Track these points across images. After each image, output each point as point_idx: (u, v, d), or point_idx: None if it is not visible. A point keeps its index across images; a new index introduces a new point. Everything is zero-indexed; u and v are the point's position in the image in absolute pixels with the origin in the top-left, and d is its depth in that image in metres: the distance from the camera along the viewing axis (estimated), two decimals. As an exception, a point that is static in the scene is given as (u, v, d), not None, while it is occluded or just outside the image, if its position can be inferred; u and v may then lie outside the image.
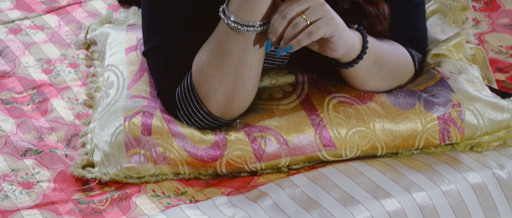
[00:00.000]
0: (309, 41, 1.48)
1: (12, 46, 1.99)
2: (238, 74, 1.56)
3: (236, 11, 1.52)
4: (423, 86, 1.69)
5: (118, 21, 1.98)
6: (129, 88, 1.69)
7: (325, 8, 1.49)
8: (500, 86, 1.84)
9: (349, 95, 1.66)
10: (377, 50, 1.61)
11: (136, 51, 1.78)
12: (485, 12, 2.12)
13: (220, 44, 1.55)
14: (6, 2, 2.18)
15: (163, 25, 1.62)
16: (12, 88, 1.86)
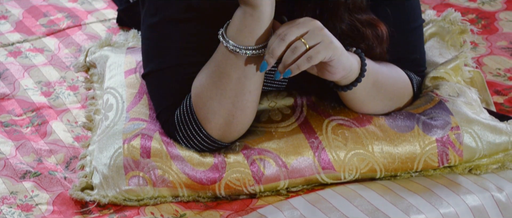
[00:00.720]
0: (308, 65, 1.48)
1: (12, 68, 2.00)
2: (237, 97, 1.56)
3: (235, 34, 1.53)
4: (422, 109, 1.69)
5: (118, 44, 1.98)
6: (128, 111, 1.69)
7: (324, 32, 1.50)
8: (498, 109, 1.85)
9: (348, 118, 1.66)
10: (376, 73, 1.62)
11: (135, 74, 1.79)
12: (483, 35, 2.12)
13: (219, 67, 1.55)
14: (6, 25, 2.18)
15: (163, 48, 1.62)
16: (11, 111, 1.86)
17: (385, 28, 1.62)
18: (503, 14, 2.22)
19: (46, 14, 2.22)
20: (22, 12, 2.24)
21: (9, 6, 2.27)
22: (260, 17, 1.51)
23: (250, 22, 1.51)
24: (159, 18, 1.62)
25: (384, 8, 1.64)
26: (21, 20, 2.20)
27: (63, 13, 2.22)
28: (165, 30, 1.62)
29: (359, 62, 1.57)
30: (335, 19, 1.59)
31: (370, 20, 1.61)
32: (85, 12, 2.23)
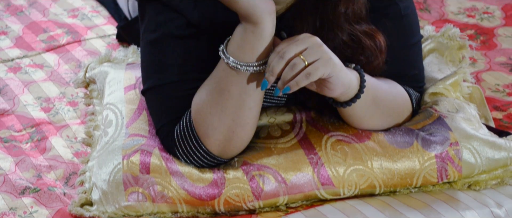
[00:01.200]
0: (307, 82, 1.49)
1: (12, 84, 2.00)
2: (237, 113, 1.56)
3: (236, 51, 1.53)
4: (421, 125, 1.69)
5: (117, 60, 1.99)
6: (127, 127, 1.70)
7: (323, 49, 1.50)
8: (497, 125, 1.85)
9: (347, 134, 1.66)
10: (375, 89, 1.62)
11: (135, 90, 1.79)
12: (482, 51, 2.13)
13: (220, 84, 1.56)
14: (5, 41, 2.19)
15: (163, 64, 1.62)
16: (11, 127, 1.86)
17: (383, 39, 1.62)
18: (502, 30, 2.23)
19: (46, 30, 2.23)
20: (22, 28, 2.24)
21: (9, 22, 2.27)
22: (261, 34, 1.51)
23: (251, 39, 1.51)
24: (159, 34, 1.62)
25: (382, 24, 1.64)
26: (21, 36, 2.20)
27: (63, 29, 2.23)
28: (165, 46, 1.62)
29: (358, 78, 1.58)
30: (336, 30, 1.59)
31: (369, 31, 1.61)
32: (85, 28, 2.24)
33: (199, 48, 1.62)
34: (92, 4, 2.35)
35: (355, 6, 1.58)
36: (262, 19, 1.50)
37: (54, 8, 2.33)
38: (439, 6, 2.35)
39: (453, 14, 2.31)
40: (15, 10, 2.32)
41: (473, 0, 2.38)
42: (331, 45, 1.55)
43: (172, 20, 1.61)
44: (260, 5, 1.49)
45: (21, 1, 2.37)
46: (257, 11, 1.49)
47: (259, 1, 1.49)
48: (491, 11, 2.32)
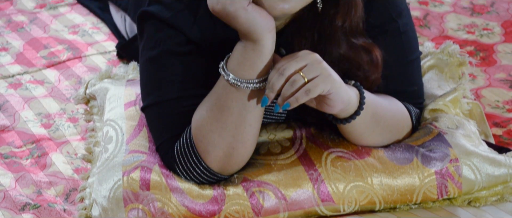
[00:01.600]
0: (307, 98, 1.49)
1: (12, 100, 2.00)
2: (237, 130, 1.57)
3: (236, 68, 1.53)
4: (421, 141, 1.69)
5: (118, 76, 1.99)
6: (127, 143, 1.70)
7: (322, 66, 1.50)
8: (497, 141, 1.85)
9: (347, 150, 1.66)
10: (374, 105, 1.62)
11: (135, 106, 1.79)
12: (482, 67, 2.13)
13: (220, 100, 1.56)
14: (6, 57, 2.19)
15: (162, 81, 1.63)
16: (11, 143, 1.86)
17: (380, 53, 1.62)
18: (502, 46, 2.23)
19: (47, 46, 2.23)
20: (22, 44, 2.25)
21: (9, 38, 2.28)
22: (262, 51, 1.51)
23: (251, 56, 1.52)
24: (158, 51, 1.62)
25: (381, 41, 1.65)
26: (21, 52, 2.21)
27: (64, 45, 2.23)
28: (164, 63, 1.62)
29: (357, 95, 1.58)
30: (333, 44, 1.59)
31: (365, 45, 1.62)
32: (86, 44, 2.24)
33: (199, 65, 1.62)
34: (93, 21, 2.36)
35: (352, 20, 1.58)
36: (262, 36, 1.50)
37: (55, 24, 2.34)
38: (438, 23, 2.35)
39: (453, 31, 2.31)
40: (16, 27, 2.33)
41: (472, 17, 2.38)
42: (329, 59, 1.56)
43: (171, 37, 1.62)
44: (260, 22, 1.49)
45: (22, 17, 2.37)
46: (257, 28, 1.49)
47: (259, 19, 1.49)
48: (491, 27, 2.32)
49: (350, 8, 1.57)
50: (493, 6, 2.44)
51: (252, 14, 1.48)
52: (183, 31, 1.61)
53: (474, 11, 2.41)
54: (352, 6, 1.57)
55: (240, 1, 1.48)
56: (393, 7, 1.66)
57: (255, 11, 1.49)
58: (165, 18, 1.61)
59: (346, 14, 1.57)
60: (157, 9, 1.62)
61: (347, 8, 1.57)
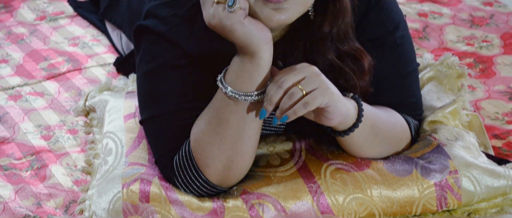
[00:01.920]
0: (305, 111, 1.49)
1: (12, 112, 2.00)
2: (236, 143, 1.57)
3: (234, 80, 1.54)
4: (420, 153, 1.69)
5: (117, 88, 1.99)
6: (127, 156, 1.70)
7: (320, 78, 1.51)
8: (496, 153, 1.85)
9: (346, 162, 1.66)
10: (373, 117, 1.62)
11: (135, 119, 1.79)
12: (481, 79, 2.13)
13: (218, 113, 1.56)
14: (6, 69, 2.19)
15: (159, 94, 1.63)
16: (11, 155, 1.86)
17: (369, 59, 1.62)
18: (501, 58, 2.23)
19: (47, 58, 2.23)
20: (22, 56, 2.25)
21: (9, 50, 2.28)
22: (259, 64, 1.52)
23: (249, 69, 1.52)
24: (155, 64, 1.63)
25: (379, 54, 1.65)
26: (21, 64, 2.21)
27: (64, 57, 2.23)
28: (161, 76, 1.63)
29: (356, 107, 1.58)
30: (322, 51, 1.60)
31: (354, 52, 1.61)
32: (86, 56, 2.24)
33: (196, 78, 1.62)
34: (93, 33, 2.36)
35: (339, 27, 1.58)
36: (260, 48, 1.50)
37: (55, 36, 2.34)
38: (438, 35, 2.36)
39: (452, 43, 2.31)
40: (16, 38, 2.33)
41: (472, 29, 2.39)
42: (320, 68, 1.55)
43: (167, 51, 1.62)
44: (257, 35, 1.49)
45: (22, 29, 2.38)
46: (254, 41, 1.49)
47: (255, 31, 1.49)
48: (490, 39, 2.33)
49: (337, 15, 1.57)
50: (492, 18, 2.44)
51: (249, 27, 1.49)
52: (179, 45, 1.62)
53: (473, 23, 2.42)
54: (340, 13, 1.57)
55: (236, 15, 1.48)
56: (390, 20, 1.66)
57: (251, 24, 1.49)
58: (161, 32, 1.62)
59: (334, 21, 1.57)
60: (153, 23, 1.63)
61: (334, 15, 1.57)
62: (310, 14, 1.58)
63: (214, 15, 1.49)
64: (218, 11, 1.49)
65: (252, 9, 1.50)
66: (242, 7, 1.48)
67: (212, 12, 1.50)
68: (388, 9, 1.67)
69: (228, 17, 1.48)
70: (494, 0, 2.56)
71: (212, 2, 1.50)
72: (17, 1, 2.53)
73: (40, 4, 2.51)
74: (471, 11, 2.48)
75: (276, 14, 1.49)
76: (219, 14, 1.49)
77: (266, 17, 1.50)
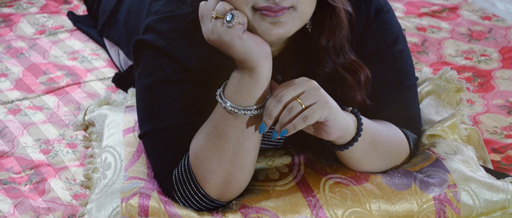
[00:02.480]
0: (304, 125, 1.49)
1: (11, 126, 2.00)
2: (235, 157, 1.57)
3: (233, 95, 1.54)
4: (419, 167, 1.69)
5: (116, 103, 1.99)
6: (126, 170, 1.70)
7: (320, 92, 1.51)
8: (495, 167, 1.85)
9: (345, 176, 1.66)
10: (372, 132, 1.62)
11: (134, 133, 1.79)
12: (480, 93, 2.14)
13: (218, 128, 1.56)
14: (6, 83, 2.20)
15: (159, 108, 1.63)
16: (10, 169, 1.86)
17: (366, 72, 1.62)
18: (499, 72, 2.24)
19: (46, 72, 2.24)
20: (22, 70, 2.25)
21: (9, 64, 2.28)
22: (258, 78, 1.52)
23: (249, 83, 1.52)
24: (154, 79, 1.63)
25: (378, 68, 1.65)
26: (21, 78, 2.21)
27: (63, 71, 2.24)
28: (160, 90, 1.63)
29: (355, 121, 1.58)
30: (319, 64, 1.60)
31: (350, 65, 1.62)
32: (85, 71, 2.25)
33: (195, 92, 1.62)
34: (92, 47, 2.37)
35: (336, 40, 1.59)
36: (259, 63, 1.51)
37: (54, 50, 2.34)
38: (436, 49, 2.36)
39: (451, 57, 2.32)
40: (16, 52, 2.33)
41: (470, 43, 2.39)
42: (318, 81, 1.56)
43: (167, 65, 1.62)
44: (256, 50, 1.50)
45: (21, 44, 2.38)
46: (253, 56, 1.50)
47: (255, 46, 1.50)
48: (489, 53, 2.33)
49: (334, 28, 1.57)
50: (491, 33, 2.45)
51: (248, 42, 1.49)
52: (179, 59, 1.62)
53: (472, 37, 2.42)
54: (336, 26, 1.57)
55: (235, 30, 1.48)
56: (389, 34, 1.67)
57: (250, 39, 1.49)
58: (161, 46, 1.62)
59: (331, 34, 1.58)
60: (152, 38, 1.63)
61: (331, 28, 1.57)
62: (308, 28, 1.58)
63: (213, 30, 1.50)
64: (217, 26, 1.49)
65: (251, 24, 1.50)
66: (240, 22, 1.49)
67: (211, 27, 1.50)
68: (388, 23, 1.67)
69: (227, 32, 1.48)
70: (492, 15, 2.56)
71: (210, 18, 1.50)
72: (17, 15, 2.53)
73: (39, 18, 2.52)
74: (470, 26, 2.49)
75: (274, 28, 1.50)
76: (218, 30, 1.49)
77: (264, 32, 1.50)
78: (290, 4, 1.49)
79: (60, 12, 2.56)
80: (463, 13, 2.58)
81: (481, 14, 2.57)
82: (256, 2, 1.48)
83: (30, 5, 2.60)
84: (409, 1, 2.66)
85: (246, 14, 1.49)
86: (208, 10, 1.51)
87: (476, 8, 2.61)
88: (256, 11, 1.49)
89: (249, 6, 1.49)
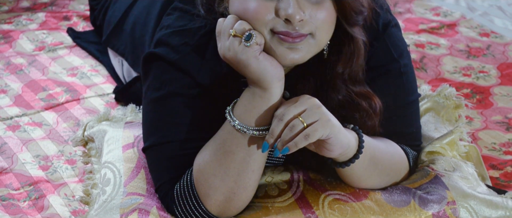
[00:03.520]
0: (306, 143, 1.49)
1: (10, 142, 2.00)
2: (240, 175, 1.57)
3: (243, 114, 1.54)
4: (418, 184, 1.69)
5: (116, 119, 1.99)
6: (125, 186, 1.70)
7: (321, 110, 1.51)
8: (494, 183, 1.85)
9: (344, 193, 1.66)
10: (372, 149, 1.62)
11: (133, 149, 1.79)
12: (478, 110, 2.14)
13: (225, 145, 1.56)
14: (5, 99, 2.20)
15: (166, 122, 1.63)
16: (9, 185, 1.86)
17: (379, 102, 1.63)
18: (498, 88, 2.24)
19: (45, 88, 2.24)
20: (21, 86, 2.25)
21: (8, 80, 2.28)
22: (270, 99, 1.52)
23: (259, 104, 1.53)
24: (164, 92, 1.63)
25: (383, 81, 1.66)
26: (20, 94, 2.21)
27: (62, 87, 2.24)
28: (169, 104, 1.63)
29: (356, 139, 1.58)
30: (332, 90, 1.60)
31: (364, 93, 1.63)
32: (84, 87, 2.25)
33: (204, 109, 1.62)
34: (91, 63, 2.37)
35: (352, 68, 1.59)
36: (272, 85, 1.51)
37: (53, 66, 2.35)
38: (435, 65, 2.37)
39: (449, 73, 2.32)
40: (15, 69, 2.33)
41: (469, 59, 2.40)
42: (329, 105, 1.57)
43: (178, 80, 1.62)
44: (270, 71, 1.50)
45: (21, 60, 2.38)
46: (268, 77, 1.50)
47: (270, 67, 1.50)
48: (487, 70, 2.34)
49: (352, 56, 1.58)
50: (489, 49, 2.45)
51: (263, 63, 1.50)
52: (190, 74, 1.62)
53: (470, 54, 2.43)
54: (354, 54, 1.58)
55: (252, 50, 1.49)
56: (395, 48, 1.67)
57: (266, 60, 1.50)
58: (173, 60, 1.62)
59: (347, 62, 1.59)
60: (164, 51, 1.63)
61: (349, 56, 1.58)
62: (325, 53, 1.58)
63: (230, 48, 1.50)
64: (234, 45, 1.50)
65: (267, 45, 1.51)
66: (258, 43, 1.49)
67: (228, 45, 1.51)
68: (395, 37, 1.68)
69: (244, 51, 1.49)
70: (490, 31, 2.57)
71: (228, 35, 1.51)
72: (16, 32, 2.54)
73: (39, 34, 2.52)
74: (468, 42, 2.50)
75: (290, 53, 1.51)
76: (235, 48, 1.50)
77: (280, 55, 1.51)
78: (308, 31, 1.50)
79: (59, 29, 2.56)
80: (461, 29, 2.59)
81: (479, 30, 2.58)
82: (276, 26, 1.49)
83: (30, 22, 2.60)
84: (408, 18, 2.66)
85: (264, 36, 1.50)
86: (226, 27, 1.52)
87: (474, 25, 2.62)
88: (274, 34, 1.50)
89: (268, 29, 1.50)
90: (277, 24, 1.49)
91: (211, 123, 1.60)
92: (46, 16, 2.63)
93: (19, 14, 2.66)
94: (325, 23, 1.51)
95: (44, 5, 2.73)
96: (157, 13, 1.96)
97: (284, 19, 1.49)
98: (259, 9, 1.49)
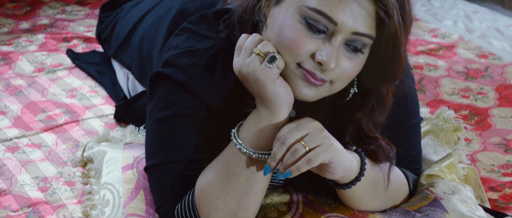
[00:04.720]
0: (308, 167, 1.49)
1: (9, 164, 2.00)
2: (243, 198, 1.56)
3: (248, 137, 1.54)
4: (417, 207, 1.69)
5: (115, 140, 1.99)
6: (124, 207, 1.70)
7: (324, 134, 1.51)
8: (493, 205, 1.85)
9: (344, 215, 1.66)
10: (375, 171, 1.62)
11: (132, 170, 1.79)
12: (477, 131, 2.14)
13: (228, 166, 1.56)
14: (4, 121, 2.20)
15: (171, 142, 1.62)
16: (7, 207, 1.86)
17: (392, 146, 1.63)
18: (496, 110, 2.25)
19: (45, 109, 2.24)
20: (20, 107, 2.25)
21: (8, 102, 2.29)
22: (277, 123, 1.53)
23: (266, 127, 1.53)
24: (170, 112, 1.62)
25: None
26: (19, 116, 2.21)
27: (61, 109, 2.24)
28: (175, 125, 1.62)
29: (358, 161, 1.58)
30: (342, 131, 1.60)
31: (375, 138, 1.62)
32: (83, 108, 2.25)
33: (210, 130, 1.62)
34: (91, 84, 2.37)
35: (370, 120, 1.59)
36: (281, 109, 1.52)
37: (53, 88, 2.35)
38: (433, 87, 2.37)
39: (448, 95, 2.33)
40: (14, 90, 2.34)
41: (467, 81, 2.40)
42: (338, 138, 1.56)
43: (185, 100, 1.62)
44: (283, 96, 1.51)
45: (20, 81, 2.38)
46: (279, 101, 1.51)
47: (283, 93, 1.51)
48: (485, 91, 2.34)
49: (375, 108, 1.59)
50: (487, 71, 2.46)
51: (279, 87, 1.50)
52: (198, 95, 1.62)
53: (468, 76, 2.44)
54: (378, 107, 1.59)
55: (272, 72, 1.49)
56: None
57: (281, 85, 1.50)
58: (181, 81, 1.62)
59: (369, 113, 1.59)
60: (172, 72, 1.63)
61: (372, 107, 1.59)
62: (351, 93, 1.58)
63: (250, 64, 1.50)
64: (255, 62, 1.50)
65: (287, 73, 1.51)
66: (279, 67, 1.50)
67: (248, 62, 1.51)
68: None
69: (264, 71, 1.49)
70: (489, 53, 2.58)
71: (250, 52, 1.51)
72: (16, 53, 2.54)
73: (38, 56, 2.53)
74: (466, 64, 2.50)
75: (305, 89, 1.51)
76: (255, 66, 1.50)
77: (295, 87, 1.52)
78: (330, 79, 1.50)
79: (59, 50, 2.57)
80: (459, 51, 2.59)
81: (477, 52, 2.59)
82: (305, 62, 1.49)
83: (29, 43, 2.61)
84: (406, 40, 2.67)
85: (288, 63, 1.50)
86: (249, 44, 1.52)
87: (472, 46, 2.63)
88: (299, 67, 1.50)
89: (296, 61, 1.50)
90: (307, 61, 1.50)
91: (217, 144, 1.60)
92: (46, 37, 2.64)
93: (18, 35, 2.67)
94: (347, 75, 1.52)
95: (43, 27, 2.74)
96: (166, 29, 1.97)
97: (318, 62, 1.49)
98: (300, 43, 1.49)
